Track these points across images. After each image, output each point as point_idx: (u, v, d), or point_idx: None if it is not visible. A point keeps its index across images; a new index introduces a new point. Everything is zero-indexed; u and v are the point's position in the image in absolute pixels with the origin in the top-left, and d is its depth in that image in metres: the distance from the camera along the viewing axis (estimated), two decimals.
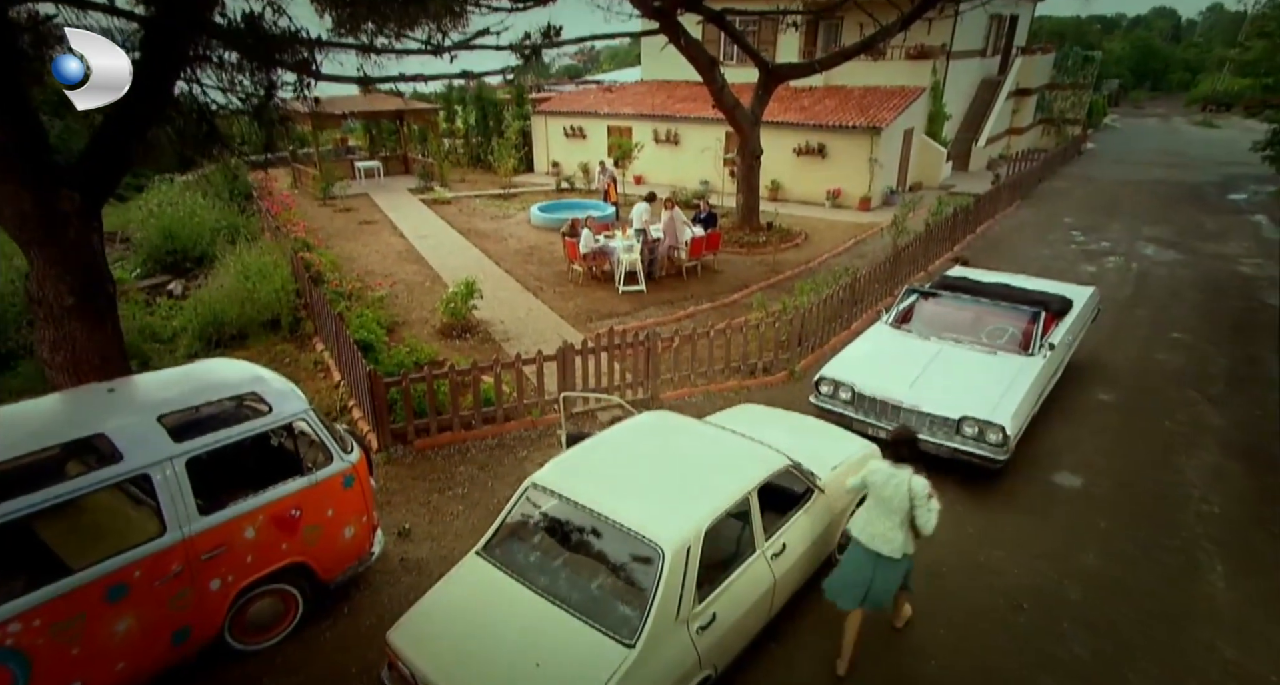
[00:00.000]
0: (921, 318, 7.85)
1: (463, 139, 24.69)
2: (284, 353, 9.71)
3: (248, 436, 4.33)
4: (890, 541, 4.30)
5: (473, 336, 10.25)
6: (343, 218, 17.47)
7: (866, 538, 4.38)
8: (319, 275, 10.99)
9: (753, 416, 6.41)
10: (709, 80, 13.38)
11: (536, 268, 13.35)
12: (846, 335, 10.02)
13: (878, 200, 18.34)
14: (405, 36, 11.05)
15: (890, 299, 11.23)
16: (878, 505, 4.38)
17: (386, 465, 7.13)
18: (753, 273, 13.13)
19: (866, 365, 7.08)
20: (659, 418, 5.46)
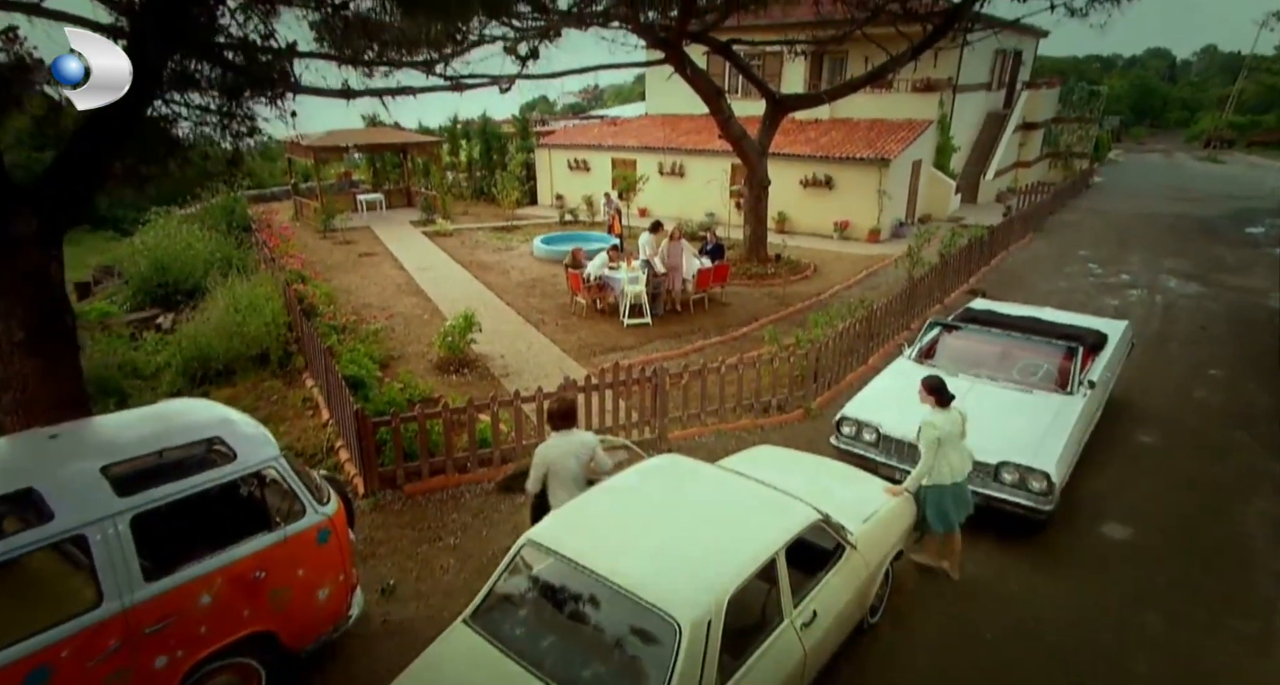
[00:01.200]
0: (947, 353, 7.36)
1: (466, 172, 24.62)
2: (272, 389, 9.23)
3: (206, 488, 3.83)
4: (970, 463, 5.21)
5: (471, 372, 9.78)
6: (342, 250, 17.19)
7: (962, 475, 5.11)
8: (312, 308, 10.59)
9: (771, 460, 5.89)
10: (715, 110, 13.17)
11: (539, 300, 12.95)
12: (864, 371, 9.53)
13: (887, 232, 18.03)
14: (405, 63, 10.89)
15: (908, 333, 10.78)
16: (954, 447, 5.09)
17: (373, 512, 6.59)
18: (762, 305, 12.71)
19: (891, 404, 6.56)
20: (671, 462, 4.95)
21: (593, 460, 4.79)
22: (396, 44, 10.56)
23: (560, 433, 4.82)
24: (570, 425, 4.85)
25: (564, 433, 4.80)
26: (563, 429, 4.82)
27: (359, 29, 9.86)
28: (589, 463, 4.78)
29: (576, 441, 4.78)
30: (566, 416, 4.84)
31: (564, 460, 4.72)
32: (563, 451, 4.73)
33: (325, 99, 8.10)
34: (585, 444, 4.79)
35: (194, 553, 3.78)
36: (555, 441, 4.80)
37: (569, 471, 4.72)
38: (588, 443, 4.81)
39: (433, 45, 11.07)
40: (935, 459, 5.01)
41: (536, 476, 4.81)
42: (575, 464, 4.72)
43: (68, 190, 4.55)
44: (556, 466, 4.73)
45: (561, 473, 4.73)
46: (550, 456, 4.73)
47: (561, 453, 4.73)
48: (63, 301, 4.71)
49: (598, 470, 4.81)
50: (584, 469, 4.76)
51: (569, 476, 4.73)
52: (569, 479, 4.72)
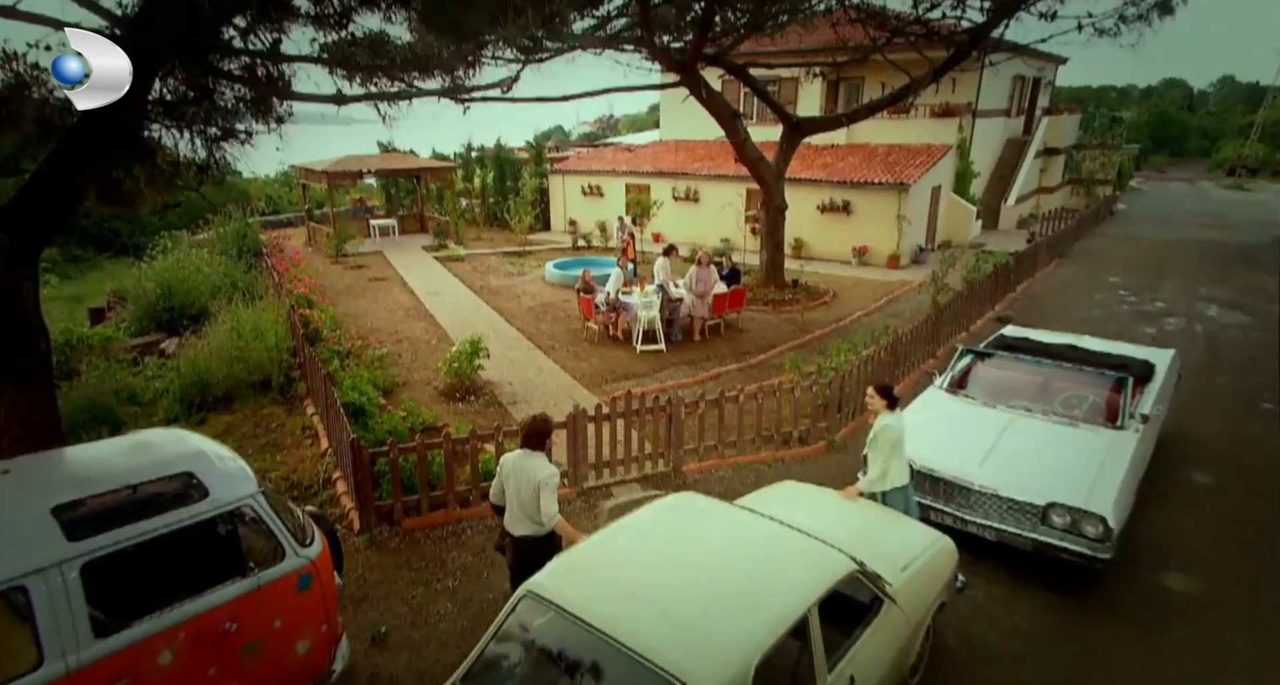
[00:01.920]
0: (981, 383, 6.89)
1: (479, 198, 24.59)
2: (271, 417, 8.89)
3: (171, 529, 3.44)
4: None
5: (477, 399, 9.41)
6: (353, 275, 17.03)
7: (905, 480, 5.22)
8: (316, 333, 10.31)
9: (796, 498, 5.43)
10: (731, 133, 12.94)
11: (549, 326, 12.62)
12: None
13: (906, 258, 17.62)
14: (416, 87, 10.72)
15: (934, 361, 10.30)
16: (903, 449, 5.20)
17: (368, 550, 6.17)
18: (780, 332, 12.29)
19: (924, 438, 6.08)
20: (687, 501, 4.51)
21: (536, 501, 4.41)
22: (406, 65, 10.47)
23: (524, 452, 4.59)
24: (536, 448, 4.58)
25: (527, 453, 4.57)
26: (528, 449, 4.58)
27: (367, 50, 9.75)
28: (535, 499, 4.41)
29: (530, 468, 4.47)
30: (531, 438, 4.59)
31: (515, 478, 4.52)
32: (516, 469, 4.54)
33: (341, 126, 7.94)
34: (533, 478, 4.42)
35: (155, 603, 3.38)
36: (516, 456, 4.62)
37: (517, 493, 4.51)
38: (535, 478, 4.42)
39: (444, 67, 11.01)
40: (895, 461, 5.10)
41: (495, 487, 4.69)
42: (524, 490, 4.46)
43: (42, 207, 4.27)
44: (510, 481, 4.56)
45: (514, 492, 4.54)
46: (505, 467, 4.62)
47: (515, 469, 4.55)
48: (35, 324, 4.41)
49: (540, 516, 4.44)
50: (532, 500, 4.43)
51: (516, 498, 4.53)
52: (515, 500, 4.54)
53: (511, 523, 4.61)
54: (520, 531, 4.57)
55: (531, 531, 4.53)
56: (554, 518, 4.44)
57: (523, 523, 4.54)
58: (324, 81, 6.56)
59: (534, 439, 4.58)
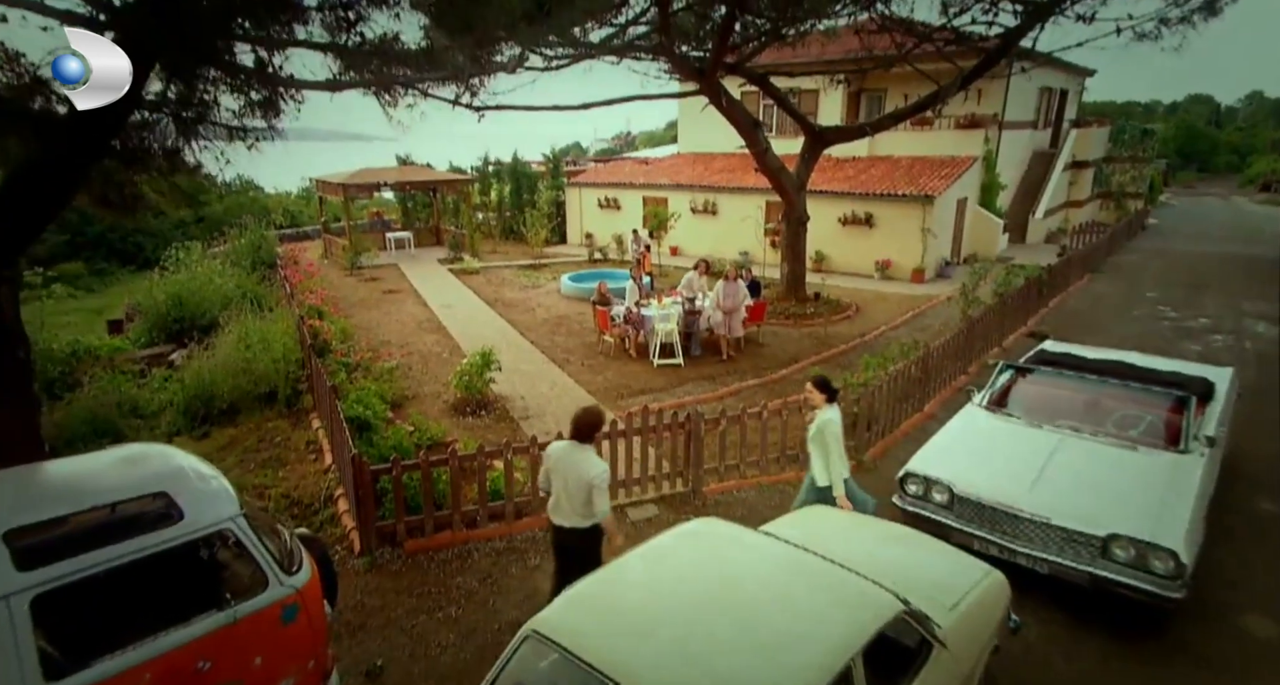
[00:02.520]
0: (1024, 400, 6.41)
1: (495, 212, 24.47)
2: (276, 430, 8.61)
3: (138, 556, 3.09)
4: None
5: (488, 414, 9.07)
6: (367, 287, 16.87)
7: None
8: (325, 345, 10.05)
9: (827, 524, 4.97)
10: (752, 142, 12.62)
11: (564, 339, 12.29)
12: (920, 419, 8.58)
13: (931, 272, 17.13)
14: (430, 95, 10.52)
15: (965, 378, 9.81)
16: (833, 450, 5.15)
17: (368, 573, 5.80)
18: (802, 346, 11.85)
19: (965, 459, 5.63)
20: (709, 528, 4.09)
21: (586, 496, 4.39)
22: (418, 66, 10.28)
23: (573, 443, 4.54)
24: (585, 440, 4.53)
25: (576, 445, 4.52)
26: (576, 441, 4.53)
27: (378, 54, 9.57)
28: (585, 493, 4.39)
29: (579, 463, 4.43)
30: (582, 430, 4.53)
31: (561, 469, 4.50)
32: (564, 460, 4.50)
33: (362, 143, 7.74)
34: (586, 472, 4.38)
35: (117, 640, 3.03)
36: (564, 447, 4.58)
37: (565, 485, 4.48)
38: (587, 476, 4.37)
39: (458, 74, 10.82)
40: (836, 456, 5.12)
41: (543, 475, 4.71)
42: (574, 484, 4.43)
43: (21, 208, 4.01)
44: (556, 472, 4.54)
45: (561, 482, 4.51)
46: (552, 457, 4.60)
47: (563, 461, 4.51)
48: (14, 331, 4.13)
49: (592, 511, 4.45)
50: (581, 494, 4.41)
51: (565, 491, 4.49)
52: (562, 492, 4.50)
53: (556, 512, 4.58)
54: (564, 522, 4.54)
55: (575, 523, 4.50)
56: (605, 514, 4.45)
57: (568, 514, 4.50)
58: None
59: (585, 431, 4.52)
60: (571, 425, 4.56)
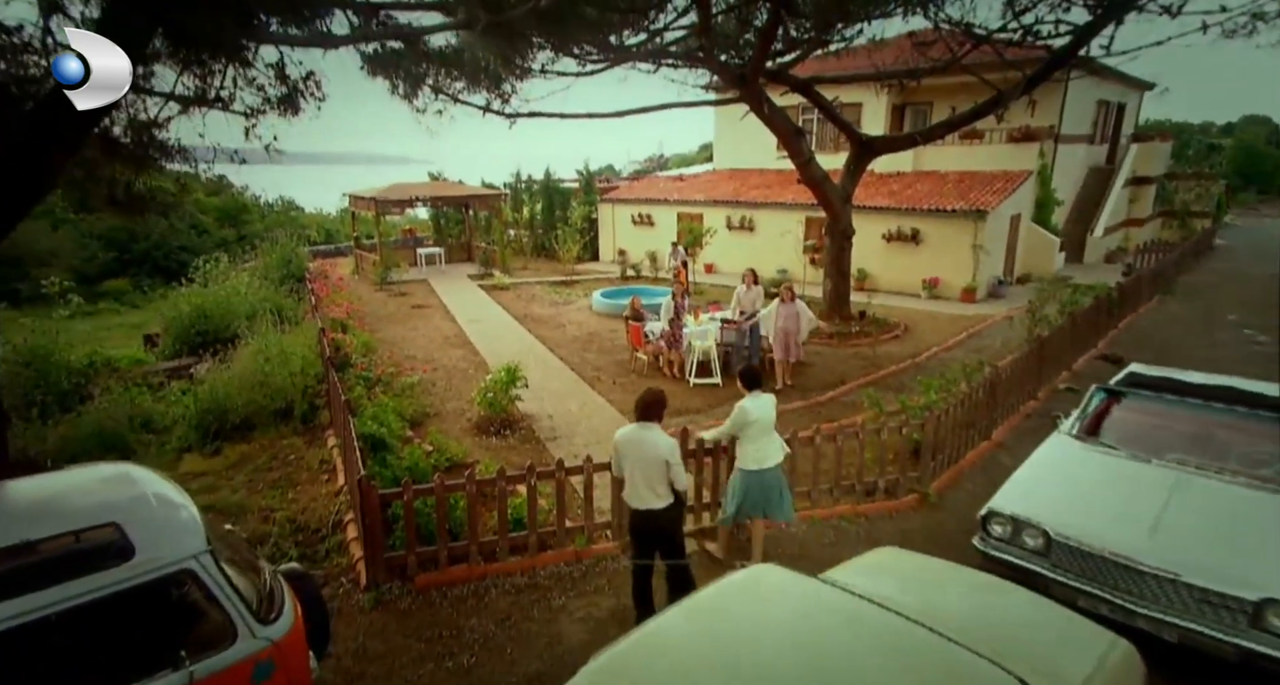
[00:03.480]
0: (1123, 429, 5.57)
1: (528, 228, 24.19)
2: (290, 448, 8.13)
3: (74, 604, 2.52)
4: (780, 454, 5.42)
5: (513, 434, 8.47)
6: (396, 302, 16.57)
7: (770, 463, 5.31)
8: (345, 359, 9.61)
9: (905, 573, 4.21)
10: (794, 152, 11.99)
11: (595, 356, 11.69)
12: (988, 448, 7.73)
13: (983, 291, 16.17)
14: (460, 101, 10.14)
15: (1034, 402, 8.92)
16: (765, 435, 5.30)
17: (374, 611, 5.19)
18: (848, 367, 11.07)
19: (1061, 497, 4.83)
20: (766, 577, 3.40)
21: (663, 473, 4.50)
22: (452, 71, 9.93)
23: (640, 424, 4.60)
24: (650, 419, 4.59)
25: (643, 425, 4.58)
26: (643, 422, 4.59)
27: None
28: (662, 471, 4.50)
29: (651, 441, 4.51)
30: (649, 409, 4.61)
31: (633, 452, 4.55)
32: (632, 442, 4.56)
33: (398, 166, 7.46)
34: (657, 449, 4.48)
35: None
36: (632, 430, 4.64)
37: (639, 466, 4.53)
38: (661, 449, 4.48)
39: (492, 79, 10.46)
40: (742, 442, 5.31)
41: (615, 462, 4.78)
42: (648, 463, 4.50)
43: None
44: (628, 457, 4.58)
45: (633, 466, 4.56)
46: (622, 444, 4.64)
47: (634, 443, 4.55)
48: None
49: (674, 485, 4.58)
50: (659, 472, 4.50)
51: (640, 472, 4.53)
52: (639, 474, 4.53)
53: (634, 497, 4.60)
54: (641, 505, 4.57)
55: (652, 504, 4.53)
56: (685, 487, 4.69)
57: (646, 497, 4.53)
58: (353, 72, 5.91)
59: (651, 410, 4.59)
60: (636, 408, 4.64)
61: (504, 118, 10.65)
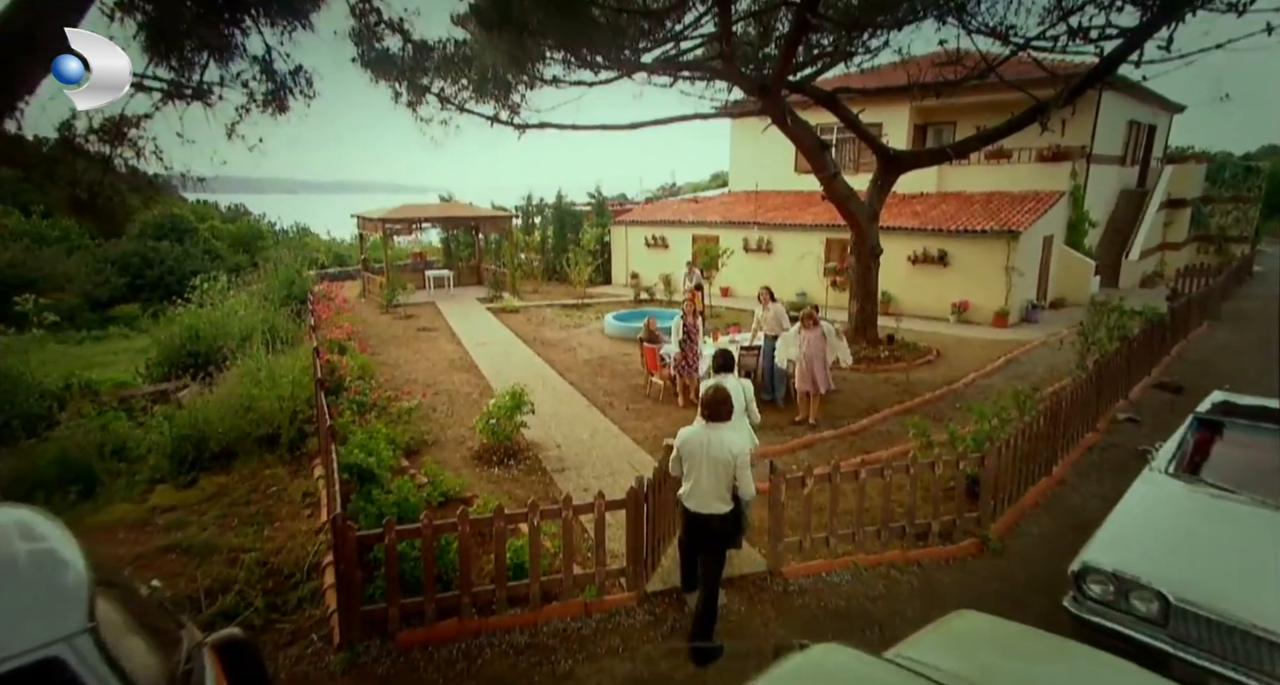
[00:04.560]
0: (1232, 467, 4.74)
1: (539, 252, 23.68)
2: (273, 478, 7.40)
3: None
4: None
5: (517, 464, 7.71)
6: (401, 324, 15.97)
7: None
8: (339, 382, 8.93)
9: (989, 645, 3.39)
10: (819, 166, 11.36)
11: (607, 381, 10.96)
12: (1048, 485, 6.86)
13: (1016, 315, 15.34)
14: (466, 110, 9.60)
15: (1093, 435, 8.06)
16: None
17: (344, 676, 4.39)
18: (879, 394, 10.25)
19: (1173, 549, 4.00)
20: (832, 658, 2.62)
21: (734, 478, 4.33)
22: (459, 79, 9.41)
23: (707, 424, 4.41)
24: (719, 419, 4.40)
25: (712, 425, 4.40)
26: (711, 421, 4.41)
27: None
28: (729, 474, 4.31)
29: (719, 440, 4.30)
30: (716, 407, 4.41)
31: (700, 452, 4.34)
32: (699, 442, 4.36)
33: (414, 195, 6.95)
34: (729, 449, 4.29)
35: None
36: (699, 429, 4.44)
37: (707, 467, 4.33)
38: (733, 448, 4.29)
39: (501, 87, 9.94)
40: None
41: (674, 462, 4.58)
42: (716, 464, 4.30)
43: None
44: (697, 456, 4.36)
45: (699, 468, 4.35)
46: (689, 443, 4.43)
47: (698, 443, 4.36)
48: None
49: (739, 492, 4.42)
50: (726, 476, 4.32)
51: (707, 474, 4.33)
52: (707, 476, 4.33)
53: (693, 498, 4.41)
54: (702, 509, 4.38)
55: (714, 510, 4.37)
56: (752, 496, 4.53)
57: (709, 500, 4.36)
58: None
59: (720, 408, 4.40)
60: (704, 405, 4.46)
61: (513, 128, 10.12)
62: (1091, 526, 4.52)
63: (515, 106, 10.16)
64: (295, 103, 6.19)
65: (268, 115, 6.04)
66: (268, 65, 5.83)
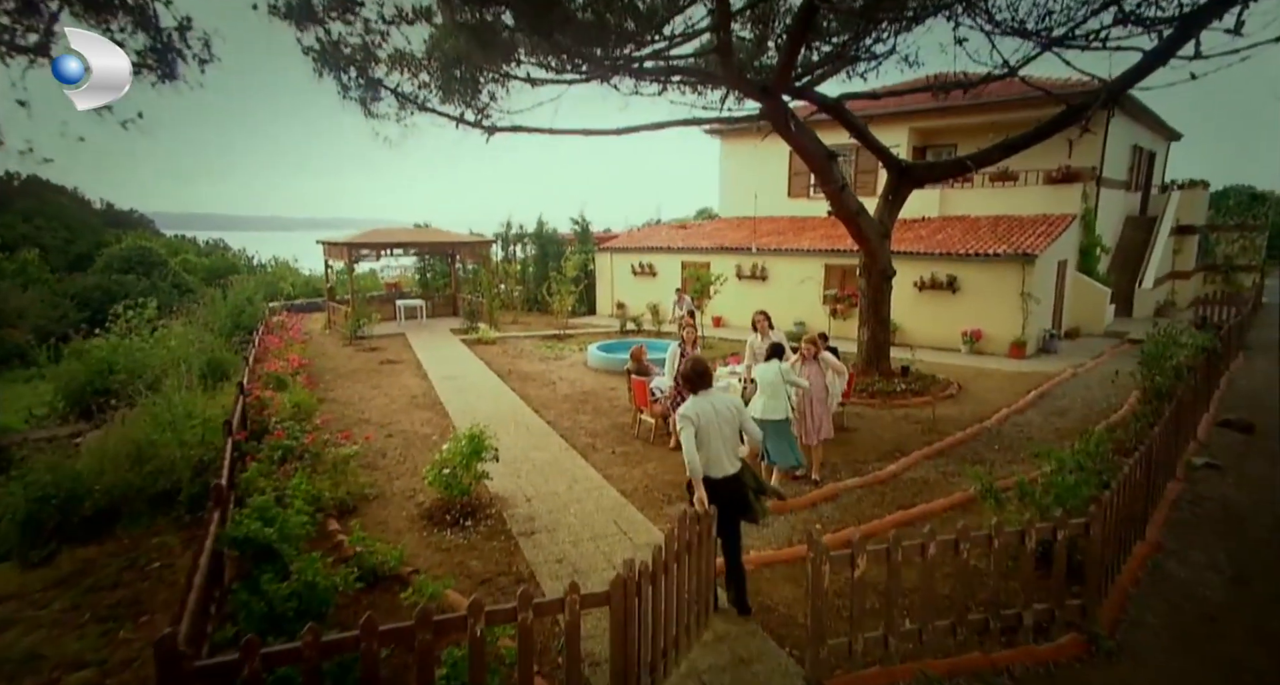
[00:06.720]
0: None
1: (518, 281, 22.32)
2: (158, 549, 5.80)
3: None
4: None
5: (476, 525, 6.18)
6: (363, 357, 14.43)
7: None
8: (265, 422, 7.39)
9: None
10: (825, 178, 10.19)
11: (590, 419, 9.48)
12: (1146, 551, 5.44)
13: (1033, 345, 14.13)
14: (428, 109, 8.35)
15: (1175, 485, 6.69)
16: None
17: None
18: (901, 433, 8.87)
19: None
20: None
21: (739, 433, 4.55)
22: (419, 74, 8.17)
23: (701, 396, 4.51)
24: (705, 386, 4.54)
25: (705, 394, 4.51)
26: (700, 391, 4.52)
27: None
28: (736, 427, 4.52)
29: (720, 402, 4.49)
30: (699, 378, 4.54)
31: (713, 418, 4.40)
32: (708, 409, 4.43)
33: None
34: (730, 404, 4.51)
35: None
36: (699, 401, 4.49)
37: (720, 431, 4.43)
38: (734, 402, 4.54)
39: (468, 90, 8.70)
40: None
41: (699, 438, 4.40)
42: (724, 424, 4.44)
43: None
44: (713, 424, 4.41)
45: (714, 434, 4.41)
46: (701, 415, 4.39)
47: (709, 411, 4.42)
48: None
49: (751, 441, 4.64)
50: (733, 432, 4.50)
51: (721, 437, 4.43)
52: (720, 441, 4.43)
53: (715, 466, 4.45)
54: (724, 472, 4.48)
55: (728, 471, 4.49)
56: (759, 436, 4.71)
57: (726, 462, 4.49)
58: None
59: (703, 379, 4.54)
60: (689, 381, 4.59)
61: (481, 130, 8.82)
62: (1222, 612, 3.12)
63: (484, 108, 8.90)
64: (188, 69, 4.79)
65: (148, 84, 4.64)
66: (143, 15, 4.45)
